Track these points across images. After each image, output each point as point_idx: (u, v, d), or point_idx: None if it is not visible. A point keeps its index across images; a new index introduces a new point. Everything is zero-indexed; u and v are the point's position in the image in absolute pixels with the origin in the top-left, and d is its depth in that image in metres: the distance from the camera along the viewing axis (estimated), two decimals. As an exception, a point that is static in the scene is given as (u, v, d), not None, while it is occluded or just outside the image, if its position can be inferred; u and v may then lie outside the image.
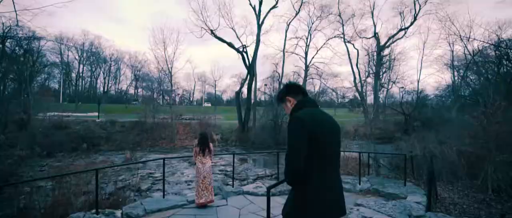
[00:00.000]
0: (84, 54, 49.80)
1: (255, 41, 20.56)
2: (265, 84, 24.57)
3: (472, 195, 5.42)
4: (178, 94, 53.53)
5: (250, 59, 20.89)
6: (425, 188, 5.88)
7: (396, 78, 31.54)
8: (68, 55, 47.06)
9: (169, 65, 20.94)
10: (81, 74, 51.91)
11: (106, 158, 13.75)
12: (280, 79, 23.46)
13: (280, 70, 24.19)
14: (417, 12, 25.93)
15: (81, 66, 50.50)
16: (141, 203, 4.95)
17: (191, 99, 62.55)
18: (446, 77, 37.65)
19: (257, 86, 22.81)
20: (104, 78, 55.85)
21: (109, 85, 57.96)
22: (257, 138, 19.74)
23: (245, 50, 20.20)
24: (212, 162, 5.12)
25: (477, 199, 5.12)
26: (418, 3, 25.80)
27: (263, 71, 48.24)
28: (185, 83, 57.23)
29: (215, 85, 51.09)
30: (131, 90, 59.76)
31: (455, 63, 29.97)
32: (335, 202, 1.36)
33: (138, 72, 54.45)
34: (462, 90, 29.02)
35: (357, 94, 32.50)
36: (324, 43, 27.17)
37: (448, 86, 30.80)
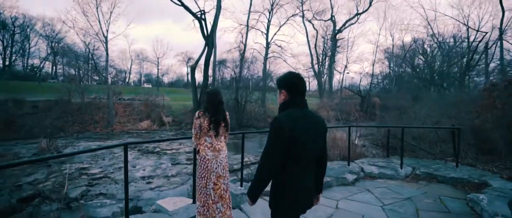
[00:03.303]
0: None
1: (215, 7, 17.48)
2: (221, 61, 21.71)
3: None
4: (111, 73, 45.27)
5: (209, 28, 17.76)
6: (484, 168, 4.76)
7: (348, 62, 32.85)
8: None
9: (105, 29, 16.14)
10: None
11: (3, 151, 9.33)
12: (242, 54, 21.04)
13: (242, 44, 21.66)
14: (372, -2, 26.64)
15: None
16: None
17: (126, 80, 54.13)
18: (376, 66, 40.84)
19: (216, 61, 19.87)
20: (4, 49, 43.03)
21: (13, 58, 44.93)
22: (218, 119, 17.24)
23: (203, 17, 16.98)
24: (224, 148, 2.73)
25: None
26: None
27: (221, 45, 44.23)
28: (119, 62, 48.80)
29: (158, 63, 45.01)
30: (48, 67, 47.90)
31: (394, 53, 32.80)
32: (305, 199, 1.46)
33: (56, 45, 43.47)
34: (394, 78, 32.19)
35: (314, 76, 32.72)
36: (285, 22, 25.76)
37: (380, 73, 33.51)
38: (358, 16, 29.38)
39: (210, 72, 19.35)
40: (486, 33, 16.00)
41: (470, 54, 18.32)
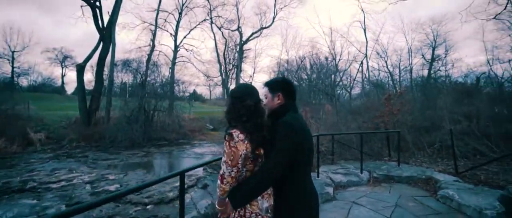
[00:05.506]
0: None
1: (114, -4, 14.22)
2: (125, 62, 17.86)
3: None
4: None
5: (105, 20, 14.27)
6: (415, 164, 5.59)
7: (254, 72, 34.90)
8: None
9: None
10: None
11: None
12: (149, 56, 18.01)
13: (151, 42, 18.60)
14: (275, 15, 29.50)
15: None
16: None
17: None
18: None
19: (115, 62, 16.11)
20: None
21: None
22: (120, 133, 13.92)
23: (98, 3, 13.39)
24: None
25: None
26: (275, 9, 29.42)
27: (119, 43, 35.63)
28: None
29: (13, 59, 32.79)
30: None
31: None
32: (317, 202, 1.44)
33: None
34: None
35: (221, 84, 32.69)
36: (195, 26, 24.56)
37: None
38: (262, 30, 31.87)
39: (106, 74, 15.61)
40: (365, 56, 20.65)
41: (338, 72, 23.42)
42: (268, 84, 1.55)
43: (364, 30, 22.01)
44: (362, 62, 20.85)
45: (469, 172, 4.62)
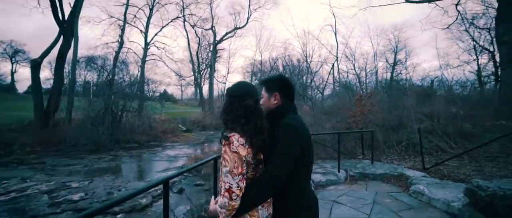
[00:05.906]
0: None
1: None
2: (90, 58, 16.35)
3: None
4: None
5: (66, 12, 13.05)
6: (387, 161, 5.88)
7: (228, 73, 34.54)
8: None
9: None
10: None
11: None
12: (117, 53, 16.79)
13: (119, 38, 17.35)
14: (249, 16, 29.53)
15: None
16: None
17: None
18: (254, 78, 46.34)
19: (78, 58, 14.76)
20: None
21: None
22: (83, 136, 12.82)
23: (57, -6, 12.17)
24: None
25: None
26: (250, 10, 29.50)
27: (82, 38, 32.22)
28: None
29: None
30: None
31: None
32: (316, 205, 1.39)
33: None
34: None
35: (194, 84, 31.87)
36: (167, 24, 23.62)
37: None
38: (236, 30, 31.68)
39: (66, 71, 14.28)
40: (336, 58, 21.49)
41: (310, 74, 24.33)
42: (264, 82, 1.46)
43: (335, 34, 23.01)
44: (333, 65, 21.70)
45: (434, 167, 4.99)
